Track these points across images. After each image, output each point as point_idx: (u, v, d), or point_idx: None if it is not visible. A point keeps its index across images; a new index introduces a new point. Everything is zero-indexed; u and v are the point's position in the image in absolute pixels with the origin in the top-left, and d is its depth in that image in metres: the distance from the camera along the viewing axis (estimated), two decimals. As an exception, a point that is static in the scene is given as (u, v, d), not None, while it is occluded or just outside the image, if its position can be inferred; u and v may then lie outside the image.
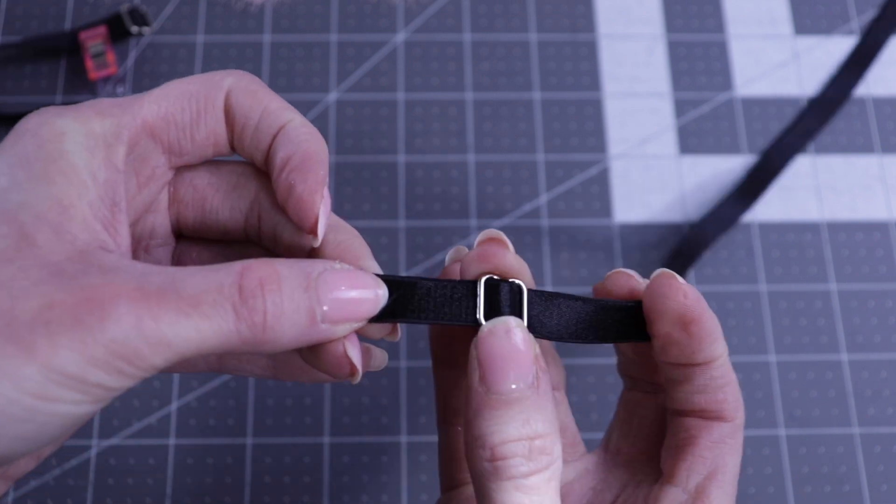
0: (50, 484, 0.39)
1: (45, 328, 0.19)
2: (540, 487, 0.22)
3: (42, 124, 0.22)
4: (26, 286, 0.19)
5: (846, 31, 0.49)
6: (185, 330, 0.20)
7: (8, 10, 0.48)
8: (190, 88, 0.24)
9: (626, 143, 0.46)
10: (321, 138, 0.24)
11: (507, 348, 0.23)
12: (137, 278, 0.20)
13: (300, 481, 0.40)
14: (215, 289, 0.20)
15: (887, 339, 0.43)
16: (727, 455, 0.26)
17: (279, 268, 0.21)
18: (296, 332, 0.21)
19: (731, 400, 0.26)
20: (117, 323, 0.19)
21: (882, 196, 0.46)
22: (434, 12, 0.49)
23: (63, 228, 0.20)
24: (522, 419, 0.22)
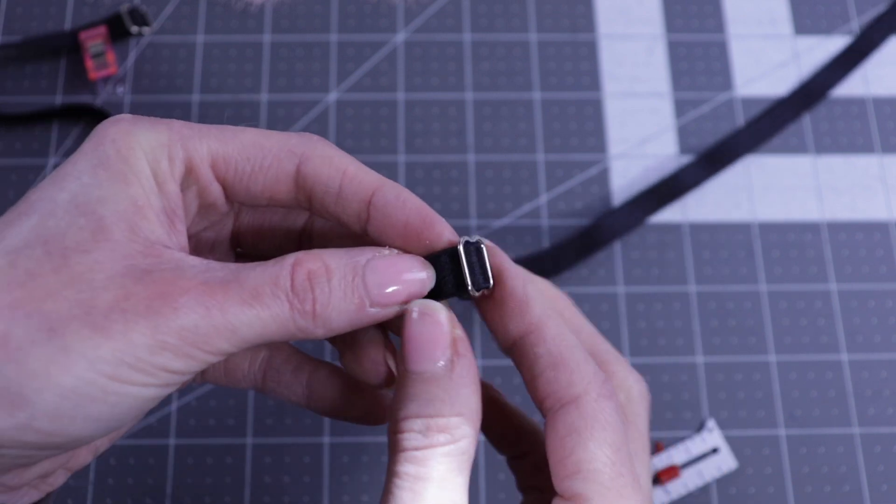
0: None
1: (121, 315, 0.20)
2: (428, 461, 0.22)
3: (121, 133, 0.23)
4: (103, 278, 0.21)
5: (846, 31, 0.49)
6: (248, 318, 0.22)
7: (8, 10, 0.48)
8: (263, 143, 0.25)
9: (626, 143, 0.46)
10: (412, 194, 0.26)
11: (423, 331, 0.24)
12: (203, 273, 0.22)
13: (300, 481, 0.40)
14: (272, 281, 0.22)
15: (887, 339, 0.43)
16: (585, 441, 0.23)
17: (328, 260, 0.23)
18: (346, 318, 0.23)
19: (565, 380, 0.24)
20: (188, 312, 0.21)
21: (882, 196, 0.46)
22: (434, 12, 0.49)
23: (137, 225, 0.22)
24: (427, 398, 0.23)
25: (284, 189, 0.25)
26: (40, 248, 0.21)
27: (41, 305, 0.20)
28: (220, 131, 0.24)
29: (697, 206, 0.45)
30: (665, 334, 0.43)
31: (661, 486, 0.40)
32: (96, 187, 0.22)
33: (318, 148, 0.25)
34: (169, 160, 0.23)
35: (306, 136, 0.25)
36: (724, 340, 0.43)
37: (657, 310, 0.43)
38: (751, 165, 0.46)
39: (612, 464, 0.23)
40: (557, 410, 0.24)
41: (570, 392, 0.24)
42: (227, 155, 0.24)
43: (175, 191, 0.24)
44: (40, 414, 0.20)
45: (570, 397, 0.24)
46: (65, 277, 0.21)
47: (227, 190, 0.25)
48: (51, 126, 0.46)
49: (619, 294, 0.43)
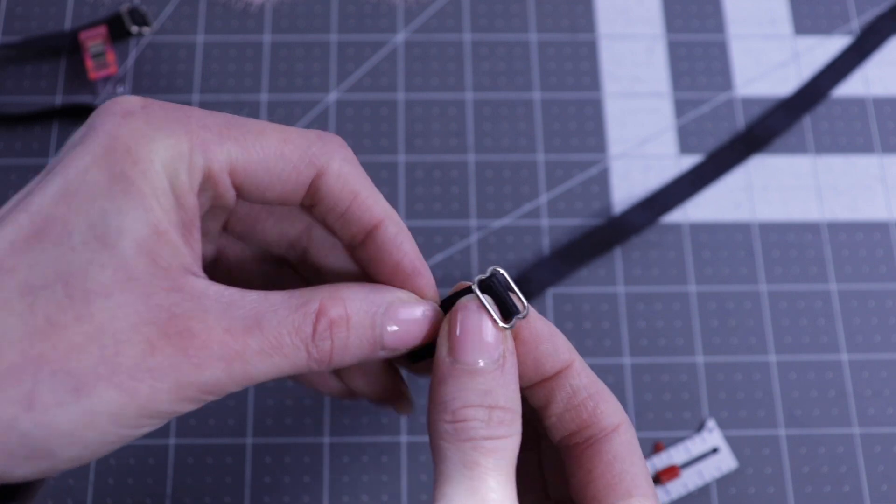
0: (50, 484, 0.39)
1: (146, 374, 0.21)
2: (493, 451, 0.23)
3: (136, 138, 0.22)
4: (127, 328, 0.21)
5: (846, 31, 0.49)
6: (265, 367, 0.22)
7: (8, 10, 0.48)
8: (284, 151, 0.24)
9: (626, 143, 0.46)
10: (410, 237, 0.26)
11: (479, 322, 0.24)
12: (225, 312, 0.22)
13: (300, 481, 0.40)
14: (294, 331, 0.23)
15: (887, 339, 0.43)
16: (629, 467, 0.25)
17: (349, 306, 0.24)
18: (357, 360, 0.24)
19: (606, 409, 0.25)
20: (211, 371, 0.21)
21: (882, 196, 0.46)
22: (434, 12, 0.49)
23: (158, 255, 0.22)
24: (484, 389, 0.24)
25: (296, 197, 0.25)
26: (61, 288, 0.21)
27: (66, 363, 0.20)
28: (241, 133, 0.24)
29: (697, 206, 0.45)
30: (665, 334, 0.43)
31: (661, 486, 0.40)
32: (115, 214, 0.21)
33: (337, 162, 0.25)
34: (188, 173, 0.23)
35: (328, 142, 0.25)
36: (724, 340, 0.43)
37: (657, 310, 0.43)
38: (751, 165, 0.46)
39: (650, 485, 0.25)
40: (600, 438, 0.25)
41: (613, 421, 0.25)
42: (247, 164, 0.24)
43: (193, 203, 0.23)
44: (61, 462, 0.21)
45: (612, 426, 0.25)
46: (88, 329, 0.20)
47: (240, 193, 0.25)
48: (51, 126, 0.46)
49: (619, 294, 0.43)
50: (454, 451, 0.23)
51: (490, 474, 0.23)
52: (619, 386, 0.42)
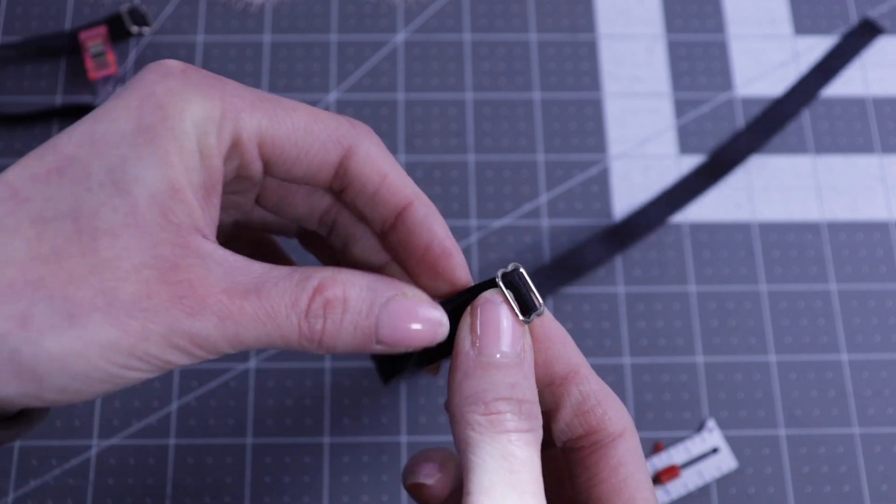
0: (50, 484, 0.39)
1: (141, 313, 0.21)
2: (525, 444, 0.23)
3: (170, 95, 0.23)
4: (129, 268, 0.21)
5: (846, 31, 0.49)
6: (257, 333, 0.22)
7: (8, 10, 0.48)
8: (313, 128, 0.24)
9: (626, 143, 0.46)
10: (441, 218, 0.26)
11: (503, 315, 0.24)
12: (227, 276, 0.22)
13: (300, 481, 0.40)
14: (290, 303, 0.23)
15: (887, 339, 0.43)
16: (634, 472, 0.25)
17: (348, 290, 0.23)
18: (350, 349, 0.24)
19: (613, 415, 0.26)
20: (203, 322, 0.22)
21: (882, 196, 0.46)
22: (434, 12, 0.49)
23: (170, 211, 0.22)
24: (510, 383, 0.24)
25: (324, 176, 0.25)
26: (70, 223, 0.21)
27: (65, 289, 0.21)
28: (272, 107, 0.24)
29: (697, 206, 0.45)
30: (665, 334, 0.43)
31: (661, 486, 0.40)
32: (135, 162, 0.22)
33: (365, 143, 0.25)
34: (218, 136, 0.23)
35: (357, 126, 0.25)
36: (724, 340, 0.43)
37: (657, 310, 0.43)
38: (751, 165, 0.46)
39: (652, 491, 0.25)
40: (607, 444, 0.25)
41: (619, 426, 0.26)
42: (276, 137, 0.24)
43: (218, 166, 0.23)
44: (48, 389, 0.21)
45: (618, 431, 0.25)
46: (91, 262, 0.21)
47: (267, 167, 0.25)
48: (51, 126, 0.46)
49: (619, 294, 0.43)
50: (489, 443, 0.23)
51: (525, 466, 0.23)
52: (619, 386, 0.42)
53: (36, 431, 0.40)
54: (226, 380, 0.41)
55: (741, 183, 0.46)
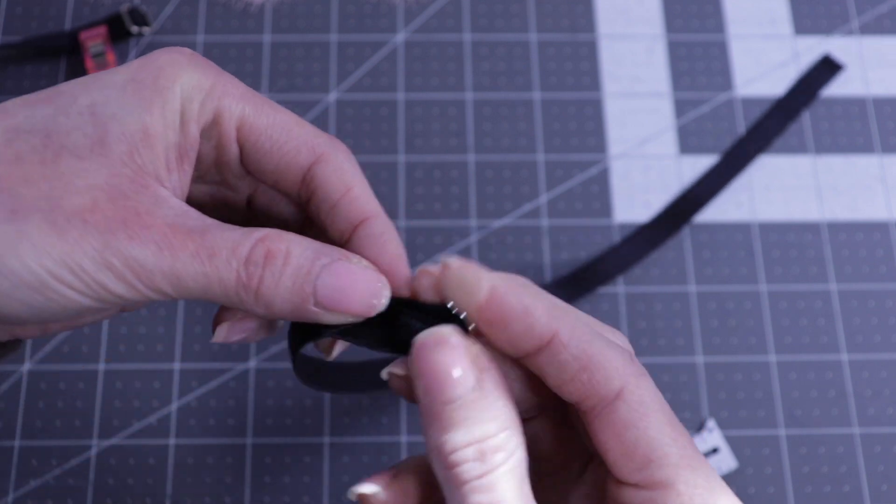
0: (50, 484, 0.39)
1: (80, 223, 0.22)
2: (496, 485, 0.22)
3: (170, 62, 0.24)
4: (82, 185, 0.22)
5: (846, 31, 0.49)
6: (194, 272, 0.22)
7: (8, 10, 0.48)
8: (292, 129, 0.26)
9: (626, 143, 0.46)
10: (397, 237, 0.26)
11: (441, 361, 0.22)
12: (175, 216, 0.23)
13: (300, 481, 0.40)
14: (231, 245, 0.23)
15: (887, 339, 0.43)
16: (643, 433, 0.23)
17: (292, 246, 0.23)
18: (288, 308, 0.23)
19: (602, 379, 0.23)
20: (140, 246, 0.22)
21: (882, 196, 0.46)
22: (434, 12, 0.49)
23: (137, 152, 0.23)
24: (469, 424, 0.22)
25: (291, 179, 0.26)
26: (40, 138, 0.22)
27: (14, 187, 0.22)
28: (261, 102, 0.25)
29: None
30: (665, 334, 0.43)
31: (661, 486, 0.40)
32: (117, 102, 0.23)
33: (338, 156, 0.26)
34: (201, 104, 0.24)
35: (335, 141, 0.26)
36: (724, 340, 0.43)
37: (657, 310, 0.43)
38: (751, 165, 0.46)
39: (675, 441, 0.23)
40: (603, 409, 0.23)
41: (611, 388, 0.23)
42: (255, 125, 0.25)
43: (195, 134, 0.24)
44: None
45: (612, 394, 0.23)
46: (48, 172, 0.22)
47: (242, 155, 0.26)
48: (51, 126, 0.46)
49: (620, 294, 0.43)
50: (457, 498, 0.22)
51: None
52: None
53: (36, 431, 0.40)
54: (226, 380, 0.41)
55: (741, 183, 0.46)
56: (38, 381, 0.41)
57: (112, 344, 0.42)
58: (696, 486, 0.22)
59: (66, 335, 0.42)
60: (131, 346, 0.42)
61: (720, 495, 0.22)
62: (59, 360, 0.41)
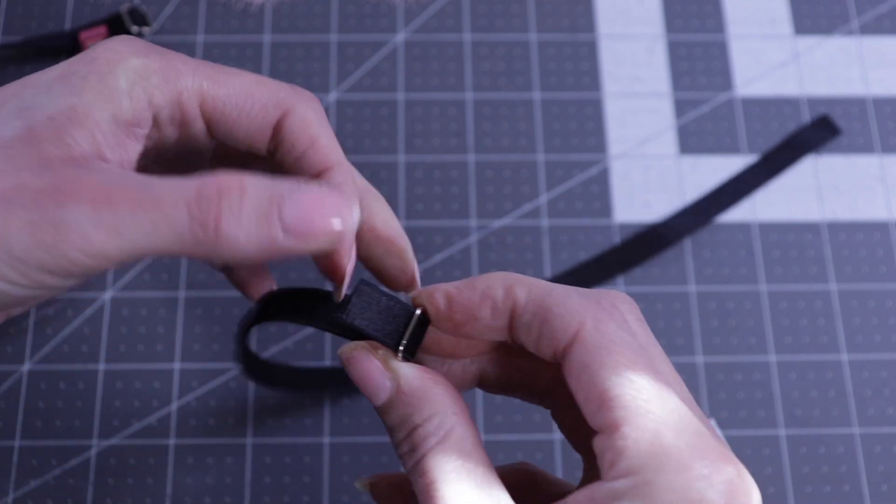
0: (50, 484, 0.39)
1: (3, 205, 0.20)
2: (429, 468, 0.23)
3: (108, 51, 0.24)
4: (8, 169, 0.21)
5: (846, 31, 0.49)
6: (138, 221, 0.20)
7: (8, 10, 0.48)
8: (254, 91, 0.25)
9: (626, 143, 0.46)
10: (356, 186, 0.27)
11: (356, 373, 0.25)
12: (109, 176, 0.21)
13: (300, 481, 0.40)
14: (177, 190, 0.21)
15: (887, 339, 0.43)
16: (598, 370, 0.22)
17: (247, 180, 0.22)
18: (255, 243, 0.21)
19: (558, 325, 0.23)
20: (73, 208, 0.20)
21: (882, 196, 0.46)
22: (434, 12, 0.49)
23: (66, 133, 0.22)
24: (399, 423, 0.24)
25: (262, 138, 0.26)
26: None
27: None
28: (214, 72, 0.25)
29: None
30: (665, 334, 0.43)
31: (661, 486, 0.40)
32: (45, 93, 0.23)
33: (302, 107, 0.26)
34: (154, 86, 0.24)
35: (299, 92, 0.26)
36: (724, 340, 0.43)
37: (657, 310, 0.43)
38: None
39: (631, 382, 0.22)
40: (566, 356, 0.23)
41: (567, 333, 0.23)
42: (217, 97, 0.25)
43: (144, 111, 0.24)
44: None
45: (568, 338, 0.23)
46: None
47: (210, 127, 0.25)
48: (51, 126, 0.46)
49: (619, 294, 0.43)
50: (413, 484, 0.23)
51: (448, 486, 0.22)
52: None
53: (36, 431, 0.40)
54: (226, 380, 0.41)
55: (741, 183, 0.46)
56: (38, 381, 0.41)
57: (112, 344, 0.42)
58: (645, 428, 0.21)
59: (66, 335, 0.42)
60: (131, 346, 0.42)
61: (669, 441, 0.21)
62: (59, 360, 0.41)
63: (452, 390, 0.24)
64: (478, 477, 0.22)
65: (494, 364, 0.27)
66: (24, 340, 0.41)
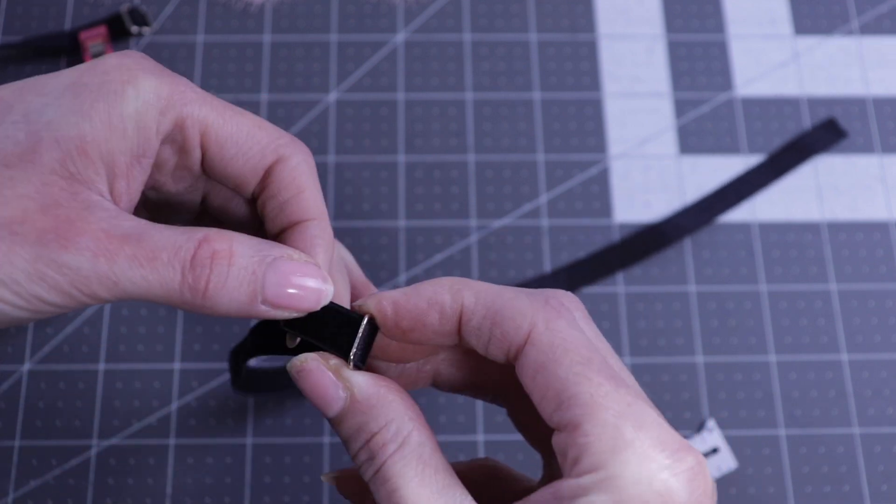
0: (50, 484, 0.39)
1: (9, 236, 0.21)
2: (390, 476, 0.23)
3: (119, 69, 0.24)
4: (11, 196, 0.21)
5: (846, 31, 0.49)
6: (134, 276, 0.22)
7: (8, 10, 0.48)
8: (256, 134, 0.25)
9: (626, 143, 0.46)
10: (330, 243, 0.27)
11: (307, 386, 0.25)
12: (110, 219, 0.22)
13: (300, 481, 0.40)
14: (172, 248, 0.22)
15: (887, 339, 0.43)
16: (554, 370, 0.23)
17: (235, 246, 0.23)
18: (236, 306, 0.23)
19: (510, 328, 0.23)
20: (75, 255, 0.21)
21: (882, 196, 0.46)
22: (434, 12, 0.49)
23: (71, 159, 0.22)
24: (354, 432, 0.24)
25: (252, 181, 0.26)
26: None
27: None
28: (222, 107, 0.25)
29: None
30: (665, 334, 0.43)
31: (661, 486, 0.40)
32: (54, 107, 0.23)
33: (297, 157, 0.26)
34: (161, 112, 0.24)
35: (295, 141, 0.26)
36: (724, 340, 0.43)
37: (657, 310, 0.43)
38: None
39: (588, 380, 0.22)
40: (519, 357, 0.24)
41: (520, 334, 0.23)
42: (219, 132, 0.25)
43: (152, 140, 0.24)
44: None
45: (522, 339, 0.23)
46: None
47: (204, 160, 0.26)
48: (51, 126, 0.46)
49: (619, 294, 0.43)
50: (374, 493, 0.23)
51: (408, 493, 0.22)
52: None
53: (36, 431, 0.40)
54: (226, 380, 0.41)
55: (741, 183, 0.46)
56: (38, 381, 0.41)
57: (112, 344, 0.42)
58: (605, 423, 0.21)
59: (67, 335, 0.42)
60: (131, 346, 0.42)
61: (630, 434, 0.21)
62: (59, 360, 0.41)
63: (406, 396, 0.24)
64: (439, 482, 0.23)
65: (447, 364, 0.28)
66: (24, 340, 0.41)
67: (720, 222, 0.45)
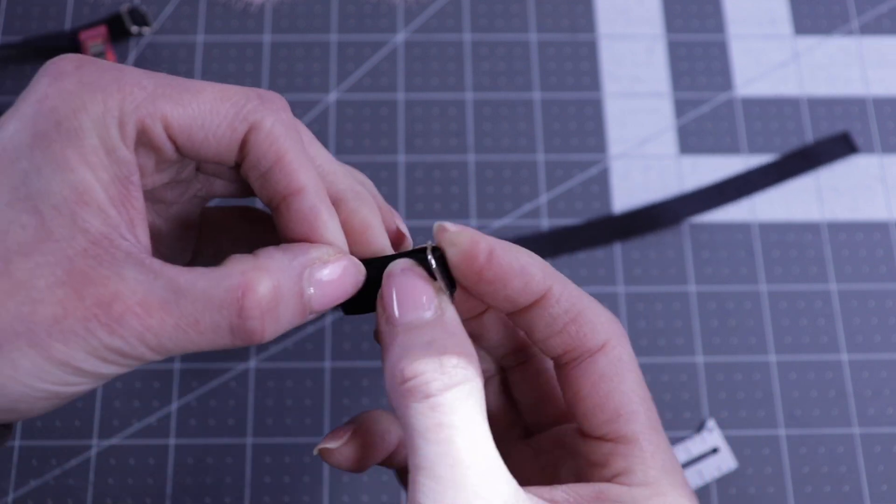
0: (50, 484, 0.39)
1: (61, 335, 0.21)
2: (454, 406, 0.22)
3: (64, 97, 0.22)
4: (44, 287, 0.21)
5: (846, 31, 0.49)
6: (180, 340, 0.22)
7: (8, 10, 0.48)
8: (219, 108, 0.24)
9: (626, 143, 0.46)
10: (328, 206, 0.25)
11: (408, 282, 0.24)
12: (144, 283, 0.22)
13: (300, 481, 0.40)
14: (216, 308, 0.22)
15: (887, 339, 0.43)
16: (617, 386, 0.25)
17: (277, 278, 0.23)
18: (288, 328, 0.24)
19: (589, 331, 0.25)
20: (123, 339, 0.22)
21: (882, 196, 0.46)
22: (434, 12, 0.49)
23: (79, 217, 0.22)
24: (427, 341, 0.23)
25: (231, 156, 0.25)
26: None
27: None
28: (176, 92, 0.23)
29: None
30: (665, 334, 0.43)
31: (661, 486, 0.40)
32: (37, 175, 0.22)
33: (269, 119, 0.24)
34: (119, 127, 0.22)
35: (267, 101, 0.25)
36: (724, 340, 0.43)
37: (657, 310, 0.43)
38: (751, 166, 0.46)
39: (643, 401, 0.25)
40: (586, 360, 0.25)
41: (596, 341, 0.25)
42: (182, 120, 0.23)
43: (127, 157, 0.23)
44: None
45: (596, 346, 0.25)
46: (6, 286, 0.21)
47: (179, 150, 0.24)
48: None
49: (619, 294, 0.43)
50: (417, 417, 0.22)
51: (458, 433, 0.22)
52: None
53: (36, 431, 0.40)
54: (226, 380, 0.41)
55: (741, 183, 0.46)
56: (38, 381, 0.41)
57: (112, 344, 0.42)
58: (658, 447, 0.24)
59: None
60: (131, 346, 0.42)
61: (673, 462, 0.24)
62: (59, 360, 0.41)
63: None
64: (488, 433, 0.23)
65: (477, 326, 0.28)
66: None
67: (720, 222, 0.45)
